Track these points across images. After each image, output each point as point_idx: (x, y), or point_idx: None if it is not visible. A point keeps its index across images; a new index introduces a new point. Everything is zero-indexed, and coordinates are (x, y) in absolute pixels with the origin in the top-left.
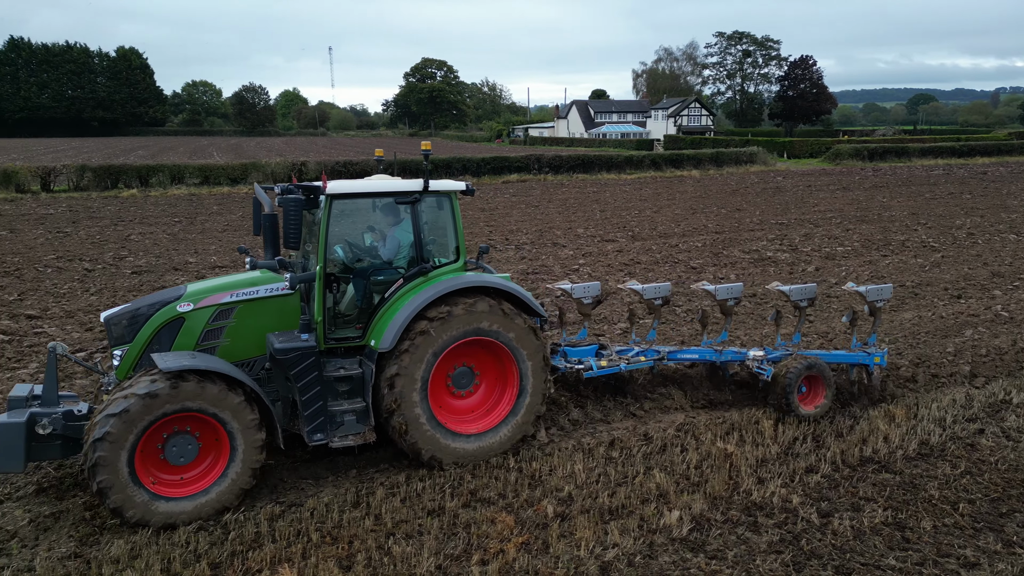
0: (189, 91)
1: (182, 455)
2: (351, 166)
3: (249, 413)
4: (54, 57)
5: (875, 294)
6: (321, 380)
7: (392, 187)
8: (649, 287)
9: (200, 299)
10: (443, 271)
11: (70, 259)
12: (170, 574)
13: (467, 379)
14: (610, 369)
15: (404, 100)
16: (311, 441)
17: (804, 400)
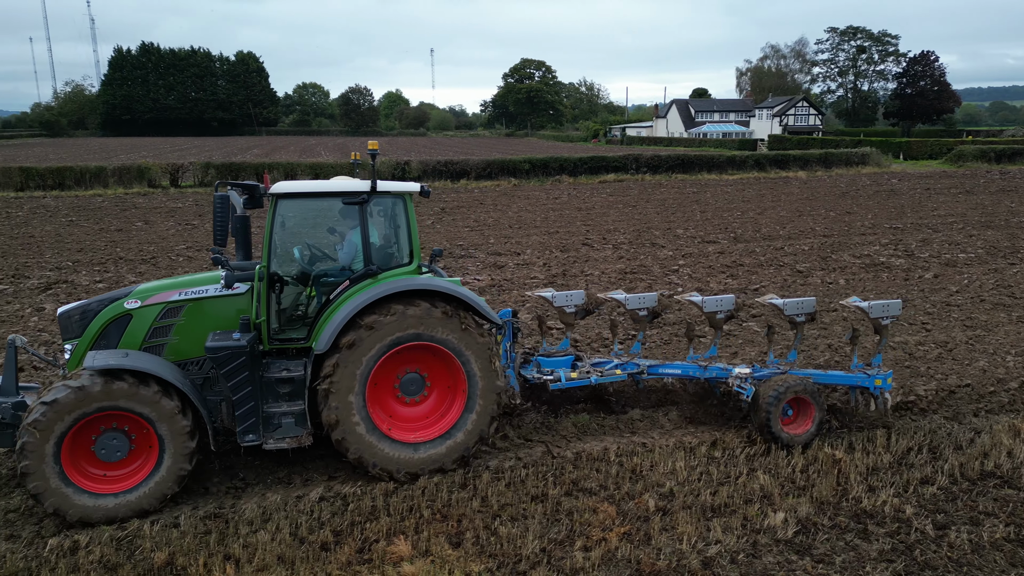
0: (300, 93)
1: (112, 452)
2: (451, 165)
3: (180, 418)
4: (180, 61)
5: (880, 311)
6: (254, 380)
7: (338, 187)
8: (633, 297)
9: (148, 297)
10: (393, 274)
11: (198, 249)
12: (297, 537)
13: (417, 386)
14: (580, 382)
15: (502, 100)
16: (242, 442)
17: (790, 424)
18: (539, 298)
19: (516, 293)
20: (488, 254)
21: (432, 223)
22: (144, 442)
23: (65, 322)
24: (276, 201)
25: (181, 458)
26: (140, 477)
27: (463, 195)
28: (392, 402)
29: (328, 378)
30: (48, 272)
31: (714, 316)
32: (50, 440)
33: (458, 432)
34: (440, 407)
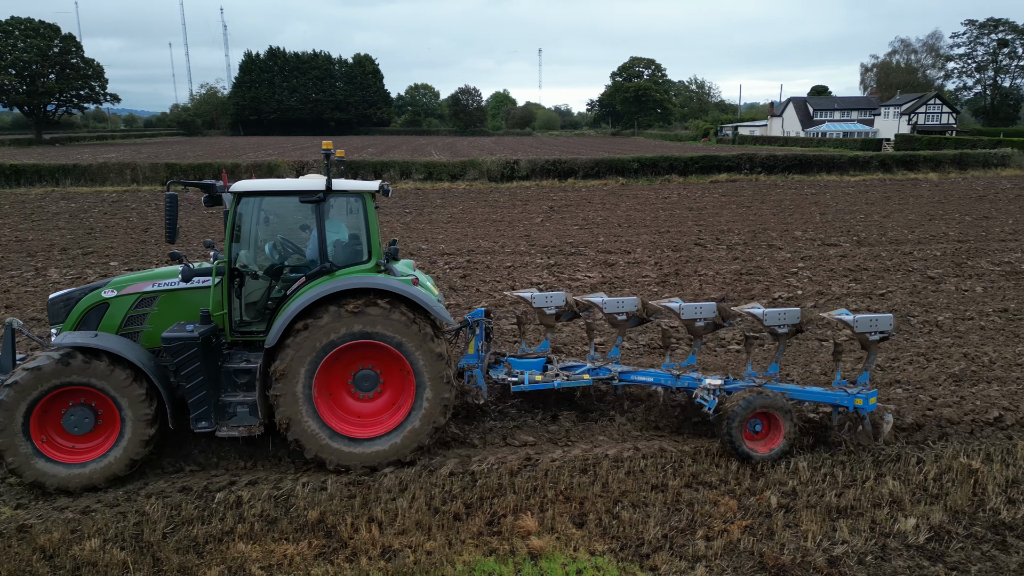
0: (412, 94)
1: (78, 425)
2: (560, 164)
3: (138, 393)
4: (303, 64)
5: (866, 325)
6: (207, 370)
7: (296, 186)
8: (611, 301)
9: (124, 287)
10: (351, 271)
11: None
12: (431, 507)
13: (371, 382)
14: (543, 385)
15: (609, 99)
16: (195, 428)
17: (758, 440)
18: (518, 298)
19: (628, 291)
20: (598, 252)
21: (541, 221)
22: (110, 417)
23: (52, 308)
24: (236, 199)
25: (140, 432)
26: (104, 449)
27: (571, 194)
28: (347, 398)
29: (278, 373)
30: (194, 261)
31: (692, 324)
32: (18, 413)
33: (408, 426)
34: (394, 403)
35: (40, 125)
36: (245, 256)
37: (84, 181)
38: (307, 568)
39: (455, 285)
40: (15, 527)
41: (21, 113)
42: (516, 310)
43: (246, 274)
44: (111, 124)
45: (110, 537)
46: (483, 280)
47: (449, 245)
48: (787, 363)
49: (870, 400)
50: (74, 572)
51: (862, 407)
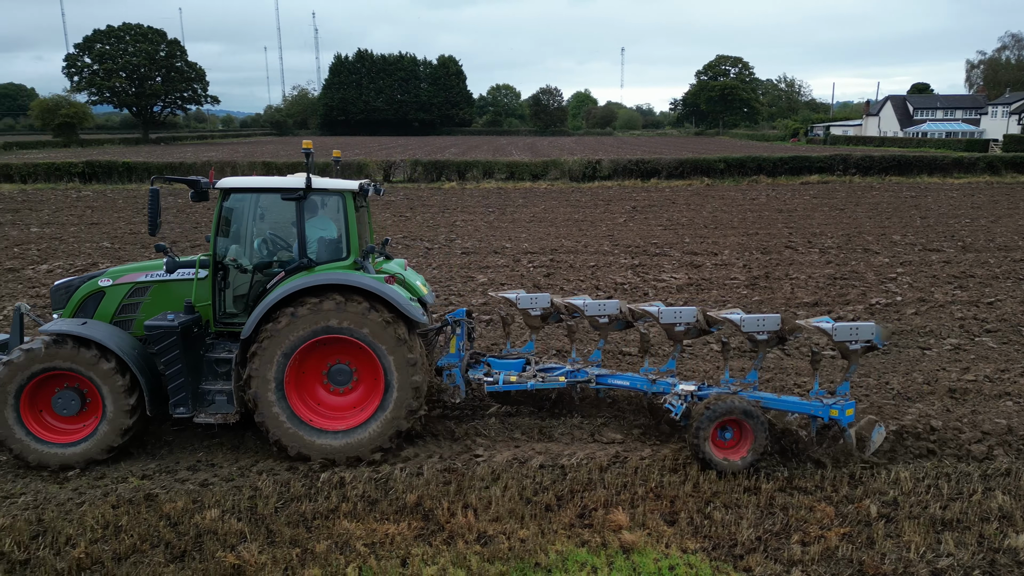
0: (493, 94)
1: (65, 407)
2: (642, 164)
3: (119, 380)
4: (389, 66)
5: (846, 334)
6: (186, 358)
7: (278, 183)
8: (592, 303)
9: (119, 276)
10: (329, 267)
11: (413, 239)
12: (523, 497)
13: (345, 376)
14: (517, 386)
15: (693, 99)
16: (173, 413)
17: (728, 448)
18: (503, 299)
19: (716, 293)
20: (684, 253)
21: (624, 221)
22: (95, 402)
23: (55, 295)
24: (221, 195)
25: (121, 416)
26: (86, 433)
27: (654, 194)
28: (320, 391)
29: (248, 365)
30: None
31: (672, 328)
32: (9, 396)
33: (374, 423)
34: (367, 398)
35: (147, 125)
36: (236, 251)
37: None
38: (407, 548)
39: (539, 283)
40: (143, 495)
41: (130, 114)
42: (501, 311)
43: (234, 268)
44: (210, 124)
45: (227, 508)
46: (567, 279)
47: (532, 244)
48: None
49: (847, 411)
50: (196, 539)
51: (838, 418)
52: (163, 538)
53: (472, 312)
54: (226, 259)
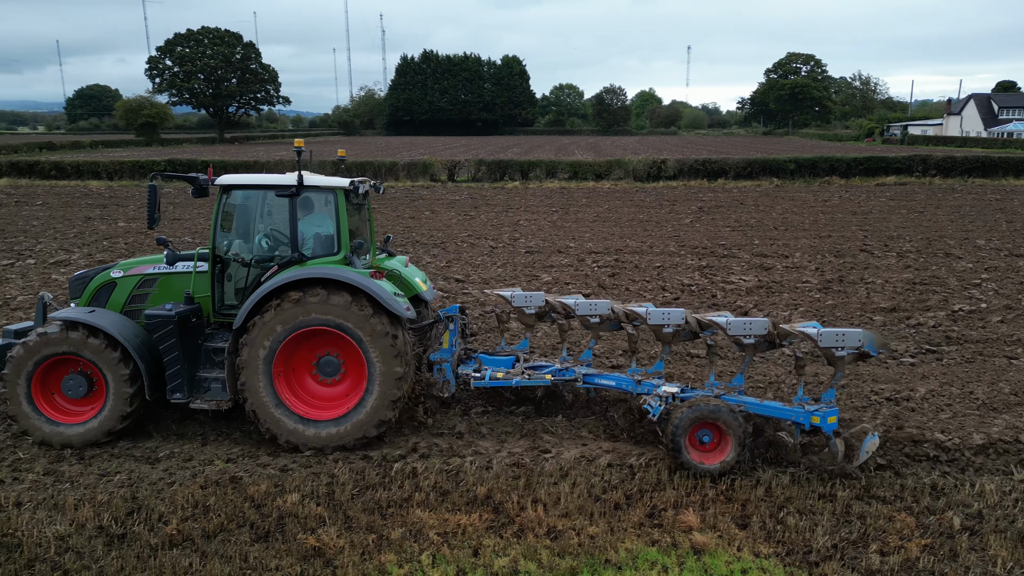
0: (556, 94)
1: (72, 390)
2: (709, 164)
3: (121, 367)
4: (454, 67)
5: (831, 340)
6: (183, 346)
7: (274, 181)
8: (583, 303)
9: (129, 268)
10: (320, 261)
11: (478, 238)
12: (591, 495)
13: (333, 368)
14: (502, 382)
15: (762, 97)
16: (170, 398)
17: (708, 451)
18: (498, 296)
19: (787, 296)
20: (753, 255)
21: (690, 222)
22: (100, 387)
23: (72, 285)
24: (221, 191)
25: (122, 401)
26: (89, 415)
27: (721, 195)
28: (310, 382)
29: (237, 354)
30: None
31: (660, 330)
32: (22, 374)
33: (358, 414)
34: (354, 389)
35: (222, 125)
36: (239, 245)
37: None
38: (479, 539)
39: (604, 283)
40: (228, 478)
41: (207, 114)
42: (496, 308)
43: (235, 262)
44: (280, 124)
45: (307, 493)
46: (632, 280)
47: (596, 244)
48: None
49: (828, 419)
50: (279, 521)
51: (819, 425)
52: (248, 519)
53: (465, 308)
54: (228, 253)
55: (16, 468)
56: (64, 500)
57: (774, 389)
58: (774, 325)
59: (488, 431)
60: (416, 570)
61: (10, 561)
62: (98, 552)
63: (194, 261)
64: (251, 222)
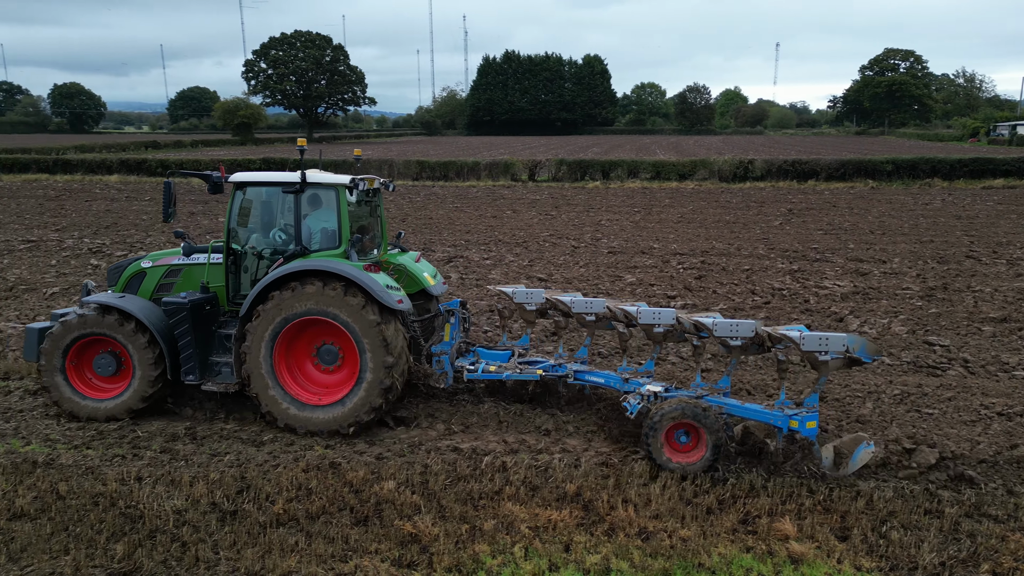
0: (637, 93)
1: (101, 368)
2: (799, 164)
3: (147, 349)
4: (535, 67)
5: (815, 344)
6: (196, 331)
7: (281, 178)
8: (580, 301)
9: (157, 259)
10: (321, 254)
11: (559, 237)
12: (683, 498)
13: (332, 356)
14: (493, 375)
15: (855, 96)
16: (184, 380)
17: (684, 451)
18: (500, 292)
19: (886, 303)
20: (847, 260)
21: (780, 224)
22: (127, 366)
23: (110, 274)
24: (234, 188)
25: (146, 381)
26: (116, 392)
27: (812, 196)
28: (311, 368)
29: (245, 339)
30: (447, 248)
31: (651, 329)
32: (58, 350)
33: (350, 401)
34: (350, 377)
35: (311, 125)
36: (256, 239)
37: None
38: (569, 535)
39: (690, 286)
40: (328, 463)
41: (297, 114)
42: (498, 304)
43: (252, 254)
44: (365, 125)
45: (402, 481)
46: (720, 282)
47: (681, 245)
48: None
49: (807, 424)
50: (376, 506)
51: (797, 430)
52: (347, 503)
53: (466, 303)
54: (245, 246)
55: (135, 446)
56: (180, 477)
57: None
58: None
59: (575, 429)
60: (509, 561)
61: (134, 531)
62: (212, 526)
63: (208, 253)
64: (263, 217)
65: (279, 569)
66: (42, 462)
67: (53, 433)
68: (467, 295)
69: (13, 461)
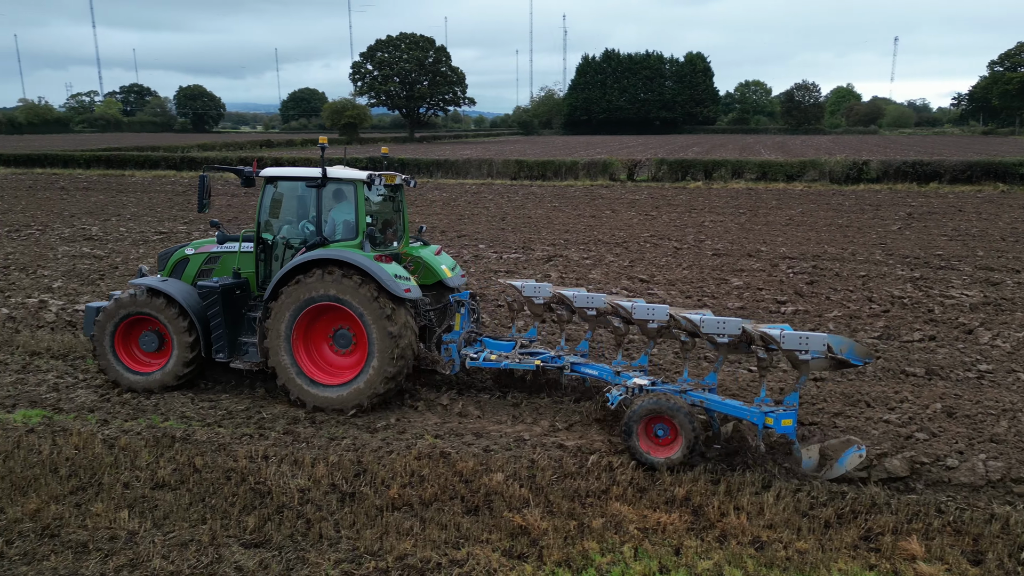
0: (741, 91)
1: (146, 345)
2: (920, 166)
3: (182, 323)
4: (635, 65)
5: (794, 343)
6: (226, 313)
7: (302, 173)
8: (581, 296)
9: (199, 247)
10: (339, 245)
11: (660, 238)
12: (798, 509)
13: (345, 340)
14: (492, 364)
15: (983, 93)
16: (214, 357)
17: (661, 445)
18: (509, 286)
19: (1020, 316)
20: (976, 268)
21: (898, 228)
22: (168, 344)
23: (159, 260)
24: (264, 183)
25: (182, 359)
26: (158, 367)
27: (934, 200)
28: (326, 350)
29: (267, 322)
30: (547, 247)
31: (645, 324)
32: (107, 333)
33: (358, 382)
34: (361, 361)
35: (412, 125)
36: (285, 230)
37: (451, 174)
38: (679, 539)
39: (801, 291)
40: (439, 453)
41: (400, 115)
42: (507, 296)
43: (280, 243)
44: (464, 125)
45: (510, 474)
46: (833, 288)
47: (791, 249)
48: None
49: (783, 422)
50: (486, 497)
51: (772, 427)
52: (458, 492)
53: (476, 295)
54: (276, 236)
55: (261, 427)
56: (302, 457)
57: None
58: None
59: None
60: (619, 560)
61: (263, 505)
62: (333, 506)
63: (239, 242)
64: (291, 209)
65: (395, 551)
66: (179, 437)
67: (188, 411)
68: None
69: (154, 435)
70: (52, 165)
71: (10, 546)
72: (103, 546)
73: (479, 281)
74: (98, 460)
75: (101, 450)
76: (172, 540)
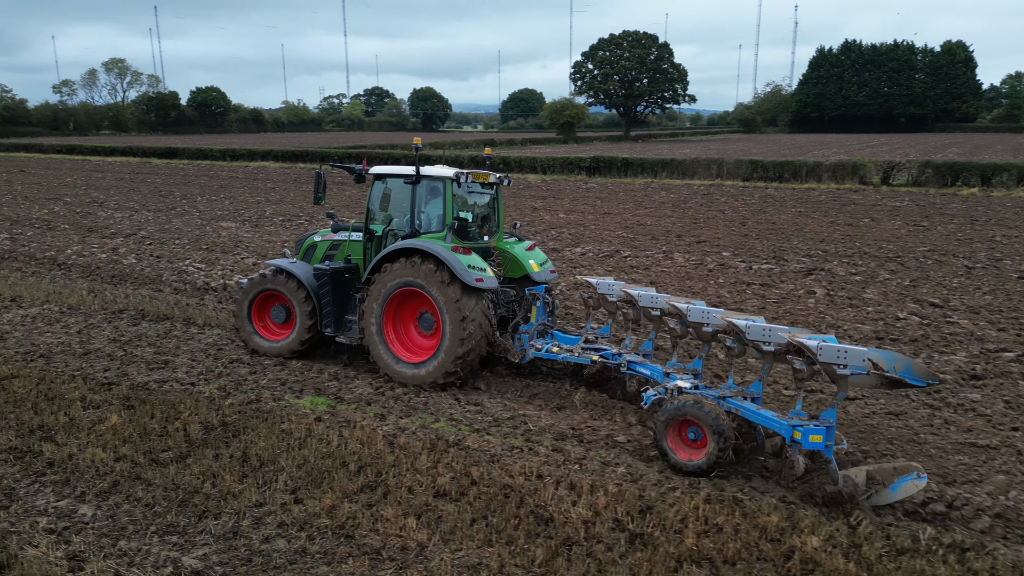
0: (1011, 84)
1: (276, 317)
2: None
3: (305, 303)
4: (879, 56)
5: (832, 355)
6: (334, 293)
7: (402, 171)
8: (646, 295)
9: (325, 235)
10: (427, 236)
11: (942, 254)
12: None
13: (428, 323)
14: (551, 355)
15: None
16: (323, 331)
17: (691, 448)
18: (584, 282)
19: None
20: None
21: None
22: (292, 317)
23: (296, 244)
24: (372, 179)
25: (303, 329)
26: (283, 336)
27: None
28: (413, 331)
29: (363, 303)
30: (803, 258)
31: (700, 328)
32: (245, 305)
33: (432, 363)
34: (437, 343)
35: (628, 123)
36: (394, 222)
37: (676, 174)
38: None
39: None
40: (730, 497)
41: (616, 113)
42: (584, 293)
43: (385, 233)
44: (679, 122)
45: (825, 538)
46: None
47: None
48: None
49: (810, 437)
50: (803, 565)
51: (799, 441)
52: (765, 554)
53: (551, 289)
54: (386, 227)
55: (528, 439)
56: (579, 482)
57: None
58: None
59: None
60: None
61: (547, 535)
62: (622, 546)
63: (349, 231)
64: (394, 203)
65: None
66: (452, 442)
67: (456, 413)
68: (840, 315)
69: (429, 437)
70: (311, 160)
71: (312, 542)
72: (396, 556)
73: (728, 303)
74: (381, 458)
75: (383, 447)
76: (461, 560)
